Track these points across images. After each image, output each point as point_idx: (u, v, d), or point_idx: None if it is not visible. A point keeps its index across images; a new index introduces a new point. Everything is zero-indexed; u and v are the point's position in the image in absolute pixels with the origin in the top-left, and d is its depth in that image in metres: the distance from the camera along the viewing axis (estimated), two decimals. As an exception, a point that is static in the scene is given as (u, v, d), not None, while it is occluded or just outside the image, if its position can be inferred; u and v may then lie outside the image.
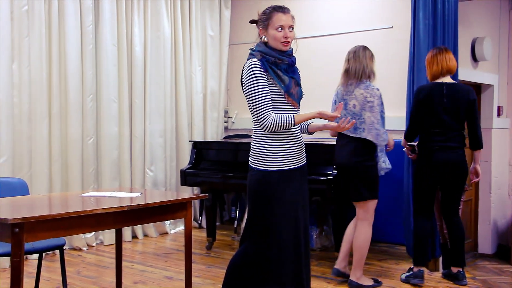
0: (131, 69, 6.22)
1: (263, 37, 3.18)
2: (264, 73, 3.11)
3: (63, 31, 5.56)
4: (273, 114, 3.08)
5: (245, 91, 3.14)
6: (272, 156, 3.14)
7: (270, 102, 3.09)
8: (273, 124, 3.07)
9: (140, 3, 6.26)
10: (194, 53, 6.90)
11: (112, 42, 5.96)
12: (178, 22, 6.66)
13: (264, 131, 3.12)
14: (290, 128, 3.10)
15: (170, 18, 6.56)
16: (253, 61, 3.13)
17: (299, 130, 3.28)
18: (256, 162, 3.19)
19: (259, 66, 3.10)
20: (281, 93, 3.14)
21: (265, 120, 3.07)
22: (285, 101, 3.16)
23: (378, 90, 4.38)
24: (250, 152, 3.24)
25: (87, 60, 5.75)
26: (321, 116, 3.08)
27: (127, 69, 6.15)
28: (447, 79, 4.46)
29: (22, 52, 5.25)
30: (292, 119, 3.07)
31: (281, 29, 3.13)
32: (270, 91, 3.11)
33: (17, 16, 5.21)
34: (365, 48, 4.47)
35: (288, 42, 3.15)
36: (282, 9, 3.17)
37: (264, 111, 3.08)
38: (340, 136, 4.45)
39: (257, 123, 3.14)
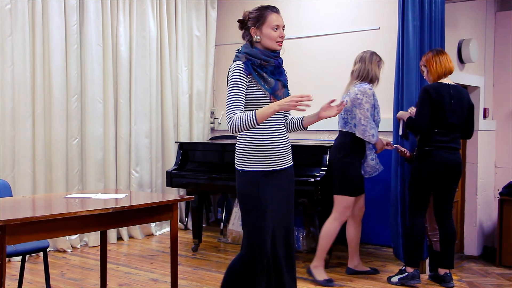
0: (116, 69, 6.16)
1: (256, 36, 3.14)
2: (246, 77, 3.08)
3: (47, 30, 5.49)
4: (237, 114, 3.00)
5: (227, 89, 3.12)
6: (254, 156, 3.11)
7: (240, 106, 3.04)
8: (235, 125, 2.97)
9: (126, 3, 6.20)
10: (180, 54, 6.86)
11: (97, 41, 5.90)
12: (164, 22, 6.62)
13: (232, 133, 3.05)
14: (254, 126, 2.98)
15: (156, 18, 6.51)
16: (237, 64, 3.11)
17: (285, 132, 3.23)
18: (239, 163, 3.16)
19: (242, 69, 3.08)
20: (266, 96, 3.11)
21: (229, 121, 3.01)
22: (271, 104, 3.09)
23: (370, 89, 4.49)
24: (235, 154, 3.21)
25: (72, 60, 5.69)
26: (280, 108, 2.95)
27: (112, 69, 6.09)
28: (449, 80, 4.50)
29: (5, 51, 5.18)
30: (253, 116, 2.95)
31: (277, 28, 3.13)
32: (254, 94, 3.09)
33: (0, 15, 5.13)
34: (373, 53, 4.66)
35: (282, 41, 3.16)
36: (275, 9, 3.18)
37: (229, 113, 3.03)
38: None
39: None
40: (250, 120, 2.95)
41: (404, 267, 4.61)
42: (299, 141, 5.58)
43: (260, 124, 3.06)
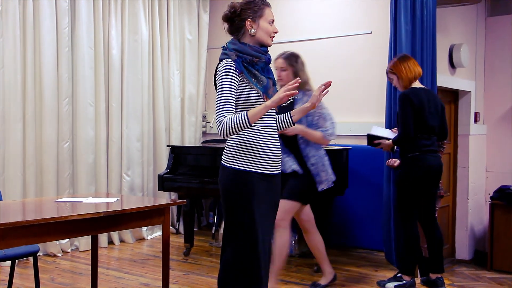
0: (108, 72, 6.13)
1: (252, 30, 3.01)
2: (237, 76, 2.94)
3: (38, 33, 5.46)
4: (228, 117, 2.87)
5: (216, 89, 2.98)
6: (248, 155, 2.98)
7: (230, 107, 2.90)
8: (226, 127, 2.84)
9: (118, 6, 6.18)
10: (172, 57, 6.84)
11: (88, 44, 5.88)
12: (156, 25, 6.60)
13: (223, 137, 2.93)
14: (246, 127, 2.87)
15: (148, 21, 6.50)
16: (227, 62, 2.96)
17: (278, 138, 3.11)
18: (230, 160, 3.02)
19: (233, 68, 2.94)
20: (258, 95, 2.98)
21: (219, 124, 2.87)
22: (263, 103, 2.96)
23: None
24: (225, 151, 3.07)
25: (63, 63, 5.66)
26: (273, 103, 2.85)
27: (104, 72, 6.07)
28: (419, 84, 4.49)
29: (-4, 54, 5.15)
30: (245, 116, 2.84)
31: (272, 23, 3.06)
32: (246, 94, 2.96)
33: (-9, 17, 5.11)
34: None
35: (274, 37, 3.09)
36: (269, 4, 3.10)
37: (219, 116, 2.88)
38: None
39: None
40: (242, 121, 2.83)
41: (399, 274, 4.58)
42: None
43: (257, 125, 2.98)
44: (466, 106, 6.23)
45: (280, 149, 3.12)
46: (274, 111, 3.13)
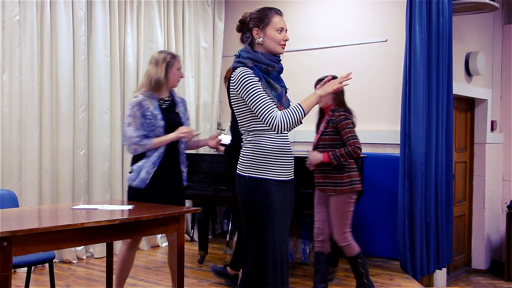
0: (123, 80, 6.17)
1: (259, 38, 3.02)
2: (259, 81, 2.96)
3: (55, 41, 5.51)
4: (279, 112, 2.88)
5: (244, 96, 2.93)
6: (265, 163, 2.99)
7: (274, 103, 2.93)
8: (284, 120, 2.85)
9: (133, 14, 6.22)
10: (187, 65, 6.87)
11: (104, 52, 5.92)
12: (172, 33, 6.63)
13: (276, 132, 2.92)
14: (302, 118, 2.88)
15: (163, 29, 6.53)
16: (244, 69, 2.96)
17: (290, 144, 3.12)
18: (245, 169, 3.03)
19: (254, 74, 2.95)
20: (275, 103, 2.98)
21: (273, 119, 2.86)
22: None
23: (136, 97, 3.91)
24: (240, 160, 3.08)
25: (79, 71, 5.70)
26: (324, 92, 2.90)
27: (120, 80, 6.10)
28: None
29: (13, 62, 5.20)
30: (300, 107, 2.87)
31: (281, 31, 3.03)
32: None
33: (9, 26, 5.16)
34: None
35: (285, 44, 3.06)
36: (279, 12, 3.07)
37: (270, 111, 2.87)
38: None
39: (262, 126, 2.96)
40: (299, 113, 2.86)
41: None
42: (306, 153, 5.55)
43: (270, 132, 2.98)
44: (483, 114, 6.19)
45: (292, 155, 3.13)
46: None
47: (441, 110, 5.14)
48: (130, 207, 3.60)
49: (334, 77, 3.11)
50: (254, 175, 3.01)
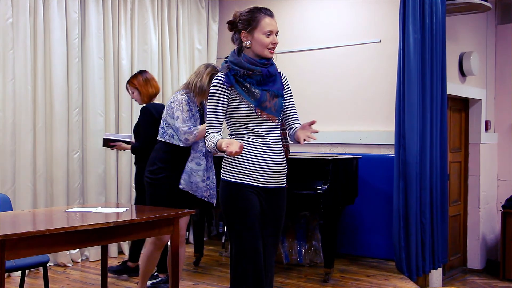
0: (117, 82, 6.15)
1: (247, 42, 2.96)
2: (227, 90, 2.94)
3: (48, 44, 5.49)
4: (209, 136, 2.94)
5: None
6: (243, 166, 2.95)
7: (215, 124, 2.96)
8: (207, 146, 2.94)
9: (127, 16, 6.21)
10: (181, 67, 6.86)
11: (98, 55, 5.90)
12: (166, 36, 6.62)
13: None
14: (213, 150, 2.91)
15: (157, 31, 6.52)
16: (217, 76, 2.98)
17: (281, 149, 3.05)
18: (225, 172, 3.03)
19: (222, 82, 2.94)
20: (250, 109, 2.93)
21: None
22: (259, 117, 2.94)
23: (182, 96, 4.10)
24: (222, 163, 3.07)
25: (73, 73, 5.69)
26: (220, 146, 2.82)
27: (114, 83, 6.09)
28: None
29: (7, 65, 5.18)
30: (212, 142, 2.89)
31: (270, 34, 2.95)
32: (237, 108, 2.94)
33: (2, 29, 5.14)
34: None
35: (274, 48, 2.98)
36: (269, 12, 2.98)
37: (206, 132, 2.98)
38: None
39: (242, 130, 3.01)
40: (212, 148, 2.89)
41: (156, 273, 4.77)
42: (301, 154, 5.56)
43: (251, 137, 2.96)
44: (477, 114, 6.21)
45: (281, 162, 3.04)
46: (276, 122, 3.03)
47: (435, 110, 5.15)
48: (125, 209, 3.60)
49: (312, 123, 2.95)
50: (229, 179, 3.00)
